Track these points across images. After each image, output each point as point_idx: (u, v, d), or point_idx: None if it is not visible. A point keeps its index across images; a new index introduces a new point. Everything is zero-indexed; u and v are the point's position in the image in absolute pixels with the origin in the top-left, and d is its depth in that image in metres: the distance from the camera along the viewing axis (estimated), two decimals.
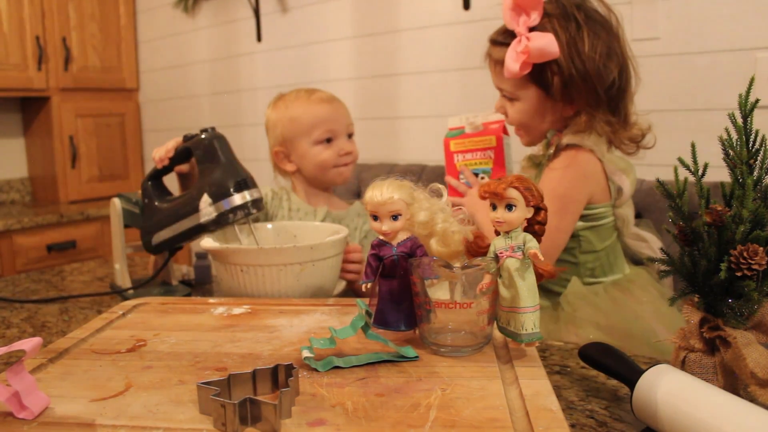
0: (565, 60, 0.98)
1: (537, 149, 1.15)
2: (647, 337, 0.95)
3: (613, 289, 1.05)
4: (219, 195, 0.90)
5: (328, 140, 1.23)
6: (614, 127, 1.02)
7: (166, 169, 1.06)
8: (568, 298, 1.02)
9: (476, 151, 1.18)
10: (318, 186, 1.28)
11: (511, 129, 1.17)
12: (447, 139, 1.19)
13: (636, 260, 1.14)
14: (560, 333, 0.99)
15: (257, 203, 0.92)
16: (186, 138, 1.00)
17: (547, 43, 0.96)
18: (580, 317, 0.99)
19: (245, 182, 0.92)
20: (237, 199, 0.91)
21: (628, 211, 1.08)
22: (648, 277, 1.09)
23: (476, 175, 1.19)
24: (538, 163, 1.11)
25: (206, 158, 0.94)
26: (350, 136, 1.27)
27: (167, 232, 0.98)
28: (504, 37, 1.05)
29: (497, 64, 1.07)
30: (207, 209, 0.91)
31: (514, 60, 0.99)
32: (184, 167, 1.10)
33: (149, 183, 1.05)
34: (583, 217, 1.04)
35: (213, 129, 0.97)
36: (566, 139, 1.04)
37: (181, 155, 1.02)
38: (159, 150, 1.05)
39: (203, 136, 0.96)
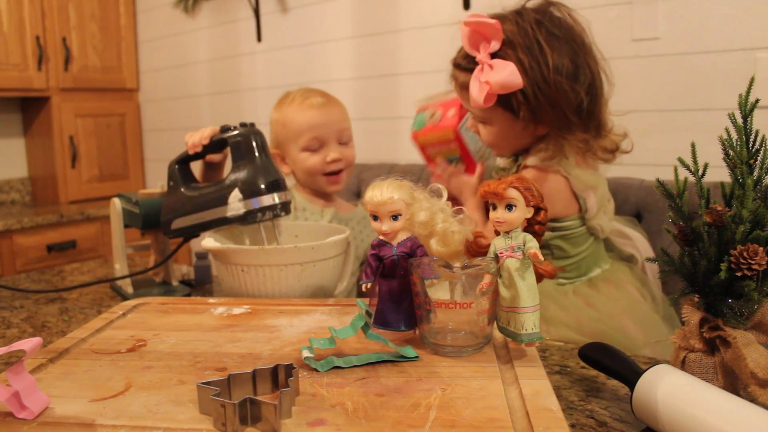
0: (531, 87, 0.94)
1: (505, 162, 1.14)
2: (616, 336, 0.95)
3: (584, 288, 1.04)
4: (250, 192, 0.91)
5: (317, 147, 1.22)
6: (588, 143, 1.00)
7: (197, 156, 1.04)
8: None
9: (440, 144, 1.17)
10: (313, 189, 1.27)
11: None
12: (414, 133, 1.18)
13: (623, 258, 1.13)
14: None
15: (286, 206, 0.93)
16: (224, 129, 0.99)
17: (508, 76, 0.93)
18: (549, 316, 0.98)
19: (277, 183, 0.92)
20: (267, 199, 0.91)
21: (601, 219, 1.06)
22: (628, 273, 1.07)
23: (450, 161, 1.19)
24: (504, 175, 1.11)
25: (241, 153, 0.94)
26: (345, 142, 1.25)
27: (190, 218, 0.97)
28: (467, 62, 1.01)
29: (462, 88, 1.04)
30: (236, 204, 0.91)
31: (478, 90, 0.96)
32: (215, 157, 1.09)
33: (176, 166, 1.04)
34: (551, 229, 1.03)
35: (252, 125, 0.97)
36: (530, 160, 1.03)
37: (216, 145, 1.01)
38: (193, 135, 1.03)
39: (242, 131, 0.95)
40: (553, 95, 0.94)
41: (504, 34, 0.95)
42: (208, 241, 0.93)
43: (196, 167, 1.11)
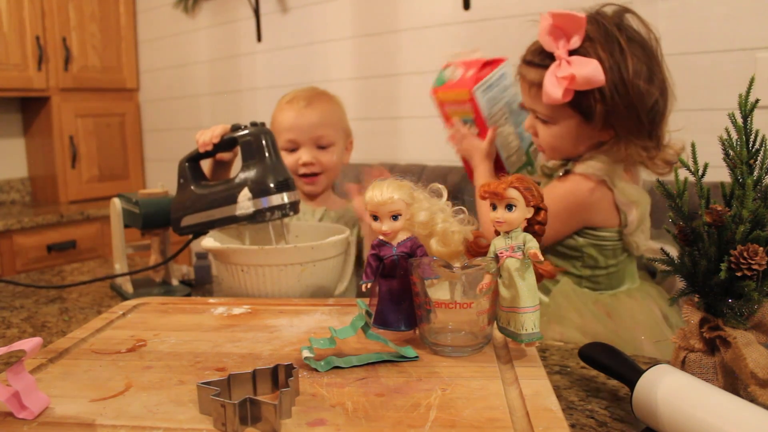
0: (609, 87, 0.93)
1: (553, 163, 1.12)
2: (629, 350, 0.94)
3: (607, 298, 1.03)
4: (259, 191, 0.91)
5: (293, 148, 1.22)
6: (650, 152, 0.99)
7: (208, 154, 1.05)
8: (555, 297, 1.01)
9: (456, 104, 1.15)
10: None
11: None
12: (434, 89, 1.16)
13: (651, 271, 1.12)
14: (544, 329, 0.97)
15: (295, 206, 0.93)
16: (234, 128, 1.00)
17: (592, 72, 0.92)
18: (562, 316, 0.98)
19: (287, 183, 0.93)
20: (277, 198, 0.91)
21: (638, 237, 1.04)
22: (655, 294, 1.06)
23: (465, 122, 1.18)
24: (549, 175, 1.09)
25: (251, 152, 0.94)
26: (324, 146, 1.24)
27: (199, 216, 0.98)
28: (541, 59, 0.99)
29: (532, 86, 1.02)
30: (245, 203, 0.91)
31: (555, 86, 0.94)
32: (226, 155, 1.10)
33: (187, 164, 1.03)
34: (586, 235, 1.03)
35: (263, 124, 0.97)
36: (579, 167, 1.02)
37: (226, 144, 1.01)
38: (204, 133, 1.03)
39: (253, 130, 0.95)
40: (631, 97, 0.94)
41: (585, 30, 0.94)
42: (208, 241, 0.93)
43: (205, 165, 1.11)
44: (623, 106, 0.94)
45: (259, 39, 2.46)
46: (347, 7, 2.17)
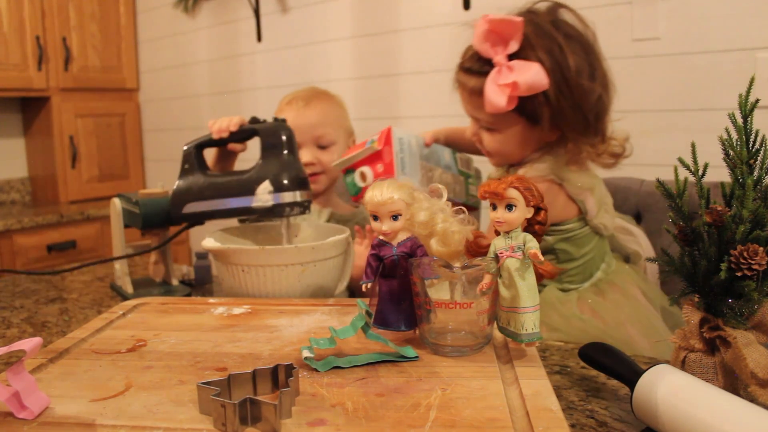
0: (553, 89, 0.91)
1: (498, 173, 1.10)
2: (621, 347, 0.93)
3: (590, 294, 1.02)
4: (280, 186, 0.91)
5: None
6: (597, 147, 0.98)
7: (219, 142, 1.04)
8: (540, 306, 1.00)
9: (357, 150, 1.09)
10: None
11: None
12: (355, 198, 1.10)
13: (625, 256, 1.11)
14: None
15: (309, 205, 0.95)
16: (253, 120, 0.99)
17: (535, 76, 0.89)
18: (548, 325, 0.97)
19: (305, 181, 0.94)
20: (297, 195, 0.92)
21: (603, 218, 1.03)
22: (632, 274, 1.06)
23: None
24: None
25: (273, 146, 0.94)
26: (325, 146, 1.24)
27: (206, 204, 0.97)
28: (480, 65, 0.96)
29: (473, 93, 0.98)
30: (264, 196, 0.91)
31: (498, 94, 0.91)
32: (238, 146, 1.09)
33: (194, 150, 1.02)
34: (552, 233, 1.01)
35: (284, 120, 0.97)
36: (523, 171, 1.00)
37: (243, 134, 1.01)
38: (220, 121, 1.01)
39: (277, 124, 0.96)
40: (576, 97, 0.92)
41: (522, 32, 0.91)
42: (208, 241, 0.93)
43: (209, 157, 1.10)
44: (568, 106, 0.93)
45: (259, 39, 2.46)
46: (347, 7, 2.17)
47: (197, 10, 2.68)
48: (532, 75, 0.89)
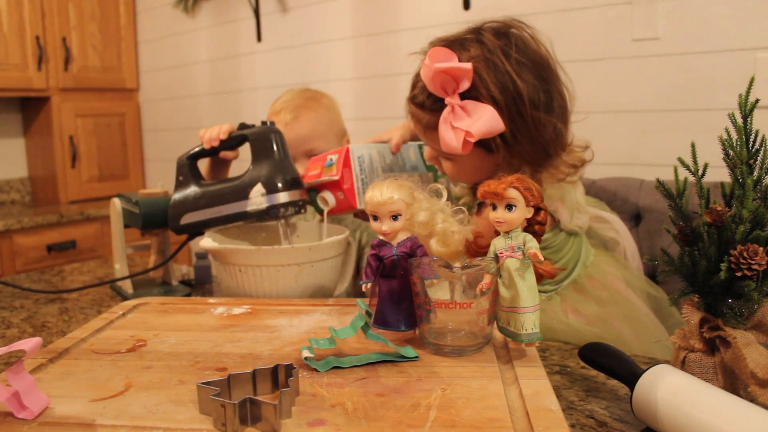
0: (509, 129, 0.87)
1: (463, 191, 1.07)
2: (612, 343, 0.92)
3: (571, 294, 0.99)
4: (273, 187, 0.92)
5: None
6: (559, 167, 0.94)
7: (212, 151, 1.04)
8: None
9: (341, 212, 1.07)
10: None
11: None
12: (322, 214, 1.07)
13: (602, 242, 1.09)
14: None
15: (304, 204, 0.95)
16: (242, 126, 1.00)
17: (489, 121, 0.84)
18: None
19: (297, 181, 0.94)
20: (290, 195, 0.92)
21: (578, 220, 1.00)
22: (613, 264, 1.03)
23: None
24: (469, 207, 1.05)
25: (263, 149, 0.95)
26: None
27: (203, 213, 0.97)
28: (432, 102, 0.92)
29: (427, 128, 0.94)
30: (258, 199, 0.92)
31: (453, 138, 0.87)
32: (229, 154, 1.09)
33: (187, 161, 1.03)
34: None
35: (272, 123, 0.98)
36: None
37: (233, 141, 1.01)
38: (210, 130, 1.01)
39: (263, 128, 0.96)
40: (532, 131, 0.88)
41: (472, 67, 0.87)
42: (206, 241, 0.93)
43: (202, 166, 1.11)
44: (525, 141, 0.89)
45: (259, 39, 2.46)
46: (347, 7, 2.17)
47: (197, 10, 2.68)
48: (485, 121, 0.85)
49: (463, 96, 0.88)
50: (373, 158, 1.09)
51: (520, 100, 0.87)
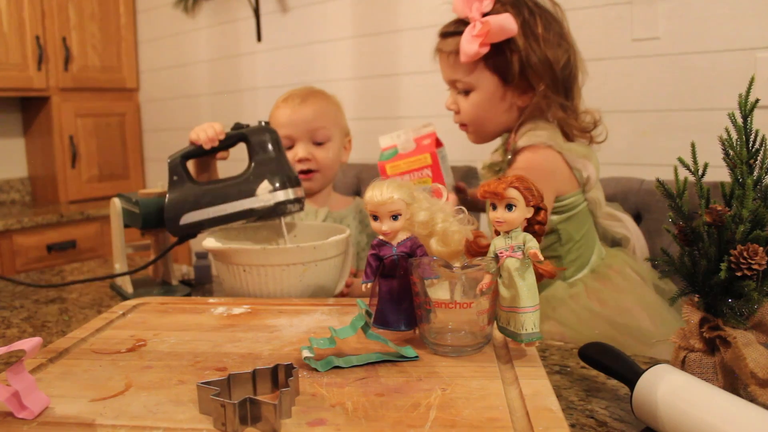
0: (522, 41, 0.99)
1: (494, 156, 1.13)
2: (633, 333, 0.95)
3: (593, 283, 1.04)
4: (281, 184, 0.93)
5: (289, 145, 1.22)
6: (567, 112, 1.03)
7: (207, 151, 1.03)
8: (549, 301, 1.01)
9: (413, 172, 1.11)
10: None
11: (450, 136, 1.13)
12: (382, 164, 1.11)
13: (613, 241, 1.14)
14: (545, 328, 0.98)
15: (303, 202, 0.97)
16: (237, 126, 1.00)
17: (504, 20, 0.97)
18: (558, 319, 0.99)
19: (297, 179, 0.96)
20: (295, 192, 0.94)
21: (597, 193, 1.08)
22: (624, 257, 1.09)
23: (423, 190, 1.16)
24: (498, 170, 1.10)
25: (261, 149, 0.96)
26: (321, 142, 1.23)
27: (204, 212, 0.97)
28: (456, 27, 1.05)
29: (450, 55, 1.07)
30: (265, 196, 0.92)
31: (471, 42, 0.99)
32: (225, 154, 1.09)
33: (181, 161, 1.01)
34: (556, 212, 1.04)
35: (267, 123, 0.99)
36: (521, 141, 1.03)
37: (230, 141, 1.01)
38: (205, 130, 1.01)
39: (263, 127, 0.97)
40: (543, 50, 1.00)
41: None
42: (209, 241, 0.93)
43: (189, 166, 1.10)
44: (537, 60, 1.00)
45: (259, 39, 2.46)
46: (347, 7, 2.17)
47: (197, 10, 2.68)
48: (502, 19, 0.98)
49: (484, 17, 1.00)
50: (446, 157, 1.13)
51: (534, 23, 1.01)
